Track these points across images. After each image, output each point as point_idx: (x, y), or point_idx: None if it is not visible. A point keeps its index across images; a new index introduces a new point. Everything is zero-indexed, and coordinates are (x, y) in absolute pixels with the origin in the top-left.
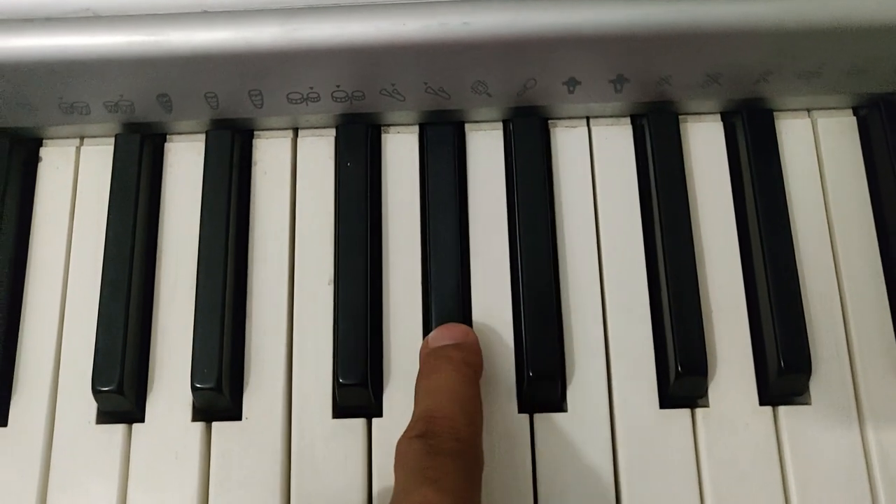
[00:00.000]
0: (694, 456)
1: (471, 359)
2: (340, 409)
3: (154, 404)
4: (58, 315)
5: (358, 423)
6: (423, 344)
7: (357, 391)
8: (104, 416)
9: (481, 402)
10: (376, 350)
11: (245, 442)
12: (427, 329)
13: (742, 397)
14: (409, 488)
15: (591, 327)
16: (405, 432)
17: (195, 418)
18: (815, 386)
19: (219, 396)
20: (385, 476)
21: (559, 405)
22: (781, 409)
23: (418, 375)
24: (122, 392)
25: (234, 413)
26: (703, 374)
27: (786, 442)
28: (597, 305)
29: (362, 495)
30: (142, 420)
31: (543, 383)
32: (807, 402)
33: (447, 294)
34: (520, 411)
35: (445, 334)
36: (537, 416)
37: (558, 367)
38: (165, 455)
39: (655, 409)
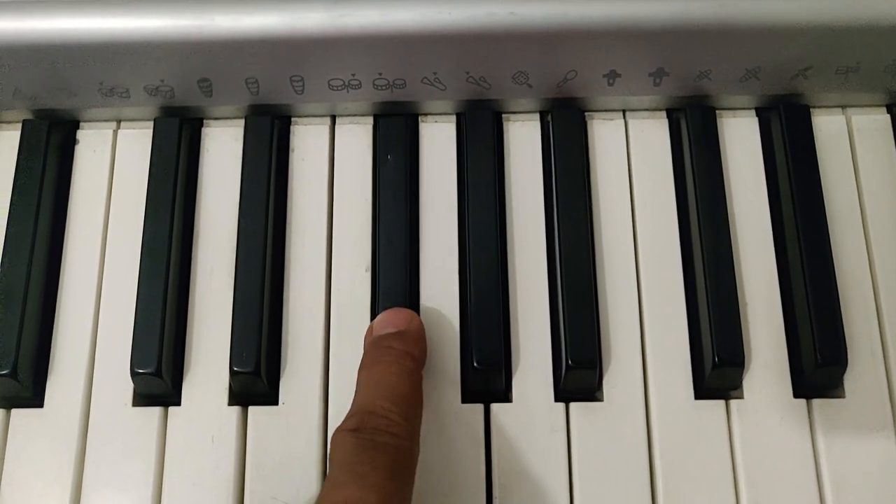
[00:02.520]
0: (728, 447)
1: (413, 349)
2: None
3: (190, 388)
4: (94, 298)
5: None
6: (367, 330)
7: None
8: (140, 399)
9: (421, 393)
10: None
11: (281, 427)
12: (464, 313)
13: (776, 390)
14: (336, 483)
15: (627, 317)
16: (340, 425)
17: (231, 402)
18: (849, 379)
19: (257, 381)
20: (421, 461)
21: (595, 395)
22: (815, 402)
23: (360, 364)
24: (160, 374)
25: (271, 398)
26: (739, 366)
27: (820, 435)
28: (633, 296)
29: None
30: (178, 403)
31: (581, 373)
32: (840, 396)
33: (485, 280)
34: (556, 400)
35: (389, 321)
36: (573, 405)
37: (597, 357)
38: (202, 438)
39: (690, 400)
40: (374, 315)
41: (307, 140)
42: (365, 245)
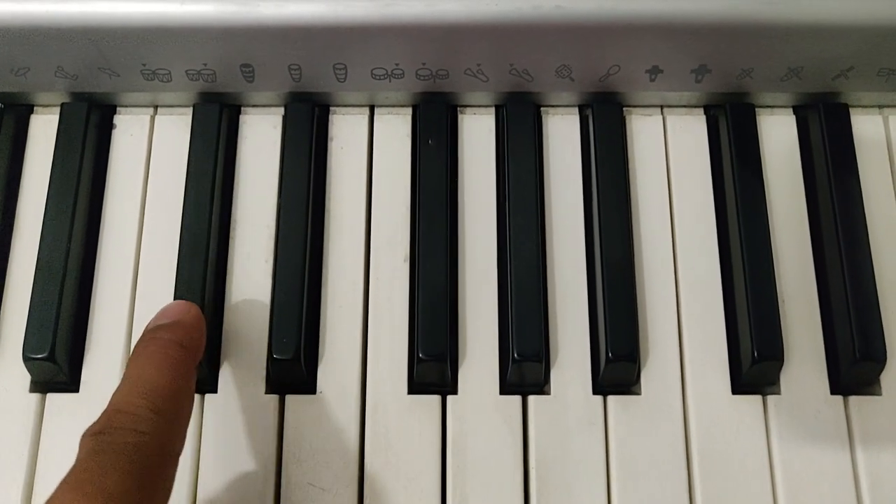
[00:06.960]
0: (765, 441)
1: (184, 338)
2: (416, 386)
3: (227, 375)
4: (130, 283)
5: (433, 400)
6: None
7: (436, 366)
8: None
9: (189, 384)
10: (452, 327)
11: (319, 415)
12: (502, 307)
13: (813, 386)
14: (61, 485)
15: (665, 311)
16: (90, 426)
17: (269, 391)
18: (886, 378)
19: (297, 368)
20: (459, 452)
21: (633, 388)
22: (852, 399)
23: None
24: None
25: (309, 386)
26: (779, 360)
27: (856, 432)
28: (670, 290)
29: (435, 470)
30: (214, 391)
31: (621, 365)
32: (877, 394)
33: (526, 272)
34: (594, 393)
35: (164, 312)
36: (611, 398)
37: (637, 350)
38: (238, 426)
39: (728, 395)
40: (412, 305)
41: (346, 129)
42: (403, 235)
